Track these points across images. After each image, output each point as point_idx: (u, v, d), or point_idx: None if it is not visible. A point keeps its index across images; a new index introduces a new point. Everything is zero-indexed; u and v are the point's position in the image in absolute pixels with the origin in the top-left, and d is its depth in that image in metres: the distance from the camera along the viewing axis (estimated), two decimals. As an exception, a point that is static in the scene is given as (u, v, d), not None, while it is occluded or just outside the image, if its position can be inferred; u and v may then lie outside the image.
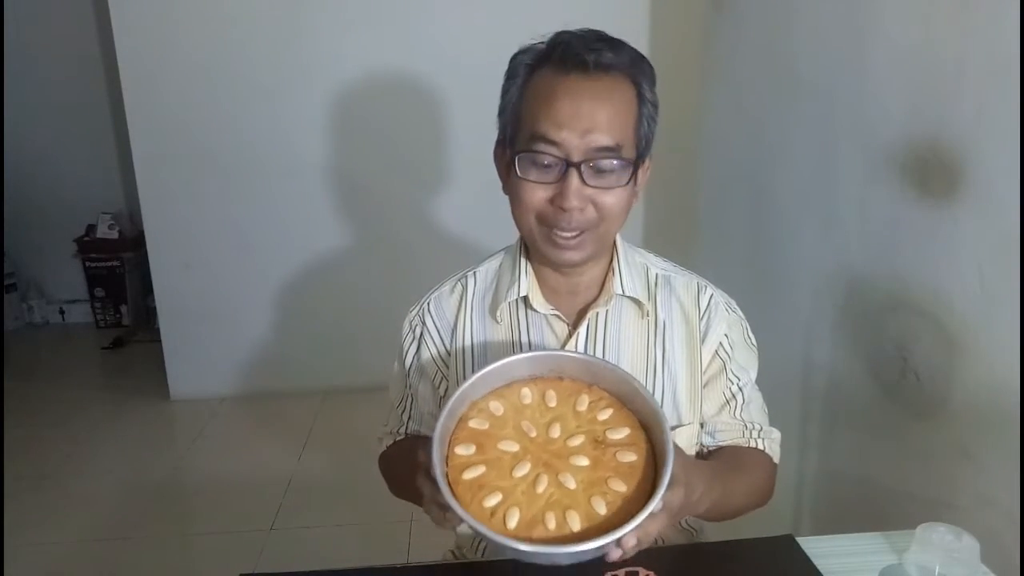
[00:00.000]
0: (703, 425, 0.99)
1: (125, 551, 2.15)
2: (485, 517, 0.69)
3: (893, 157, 1.31)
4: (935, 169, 1.20)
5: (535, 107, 0.84)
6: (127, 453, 2.73)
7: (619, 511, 0.69)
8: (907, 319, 1.28)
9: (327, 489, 2.43)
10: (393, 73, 2.81)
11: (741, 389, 0.99)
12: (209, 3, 2.71)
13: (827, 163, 1.55)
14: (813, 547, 0.88)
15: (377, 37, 2.77)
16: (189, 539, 2.21)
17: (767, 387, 1.03)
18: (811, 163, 1.64)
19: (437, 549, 1.15)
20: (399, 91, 2.84)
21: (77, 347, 3.81)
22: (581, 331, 0.94)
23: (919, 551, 0.80)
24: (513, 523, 0.68)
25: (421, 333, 1.01)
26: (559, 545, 0.66)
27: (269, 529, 2.21)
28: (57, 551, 2.13)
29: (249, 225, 2.95)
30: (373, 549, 2.10)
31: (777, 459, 1.01)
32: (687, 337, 0.97)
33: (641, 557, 0.84)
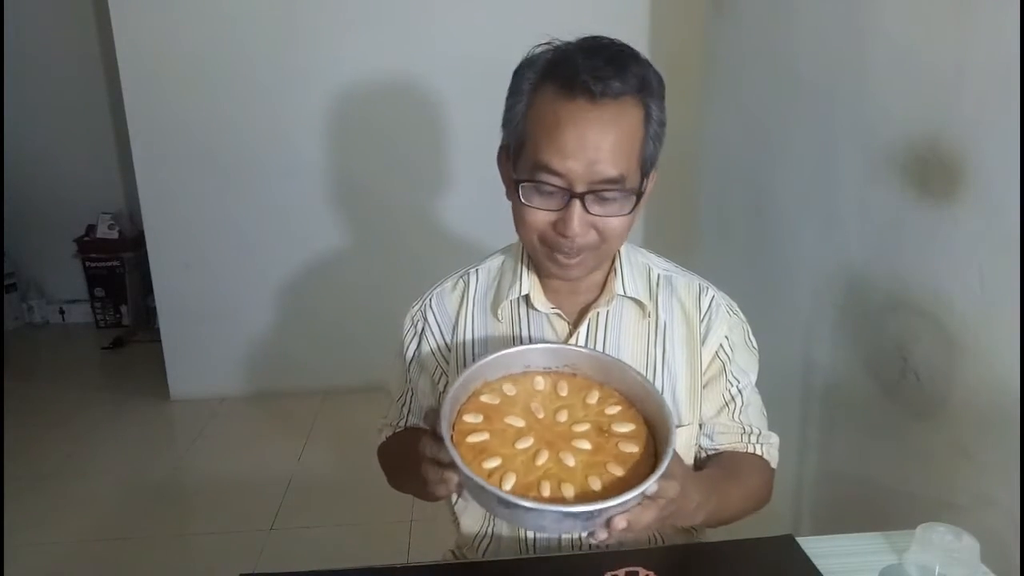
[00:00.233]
0: (702, 426, 0.99)
1: (125, 551, 2.15)
2: (482, 475, 0.70)
3: (893, 157, 1.31)
4: (935, 169, 1.20)
5: (539, 133, 0.81)
6: (127, 453, 2.73)
7: (613, 490, 0.69)
8: (907, 319, 1.28)
9: (327, 489, 2.43)
10: (393, 73, 2.81)
11: (740, 391, 0.98)
12: (209, 3, 2.71)
13: (827, 163, 1.55)
14: (813, 547, 0.88)
15: (377, 37, 2.77)
16: (189, 539, 2.21)
17: (767, 387, 1.03)
18: (811, 163, 1.64)
19: (437, 549, 1.15)
20: (399, 91, 2.84)
21: (77, 347, 3.81)
22: (581, 330, 0.94)
23: (919, 551, 0.80)
24: (508, 486, 0.70)
25: (422, 328, 1.01)
26: (548, 504, 0.67)
27: (269, 529, 2.21)
28: (57, 551, 2.13)
29: (249, 225, 2.95)
30: (373, 549, 2.10)
31: (775, 464, 1.01)
32: (687, 338, 0.97)
33: (641, 557, 0.85)
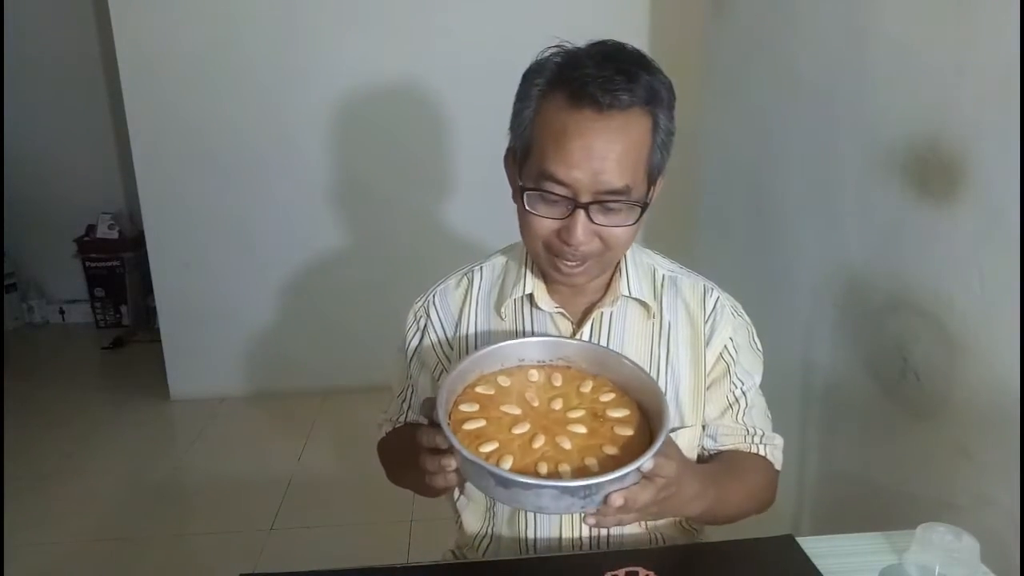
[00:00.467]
0: (705, 428, 0.99)
1: (125, 551, 2.15)
2: (479, 458, 0.70)
3: (893, 157, 1.31)
4: (935, 169, 1.20)
5: (545, 141, 0.81)
6: (127, 453, 2.73)
7: (610, 469, 0.70)
8: (907, 319, 1.28)
9: (327, 489, 2.43)
10: (394, 73, 2.81)
11: (744, 393, 0.98)
12: (209, 3, 2.71)
13: (827, 163, 1.55)
14: (813, 547, 0.88)
15: (377, 37, 2.77)
16: (189, 539, 2.21)
17: (766, 387, 1.03)
18: (811, 163, 1.64)
19: (437, 549, 1.15)
20: (399, 91, 2.84)
21: (77, 347, 3.81)
22: (585, 330, 0.94)
23: (919, 551, 0.80)
24: (506, 468, 0.70)
25: (425, 324, 1.01)
26: (547, 479, 0.68)
27: (269, 529, 2.21)
28: (57, 551, 2.13)
29: (249, 225, 2.95)
30: (373, 549, 2.10)
31: (779, 465, 1.01)
32: (692, 339, 0.97)
33: (641, 557, 0.85)
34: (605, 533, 0.97)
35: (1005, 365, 1.05)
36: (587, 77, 0.78)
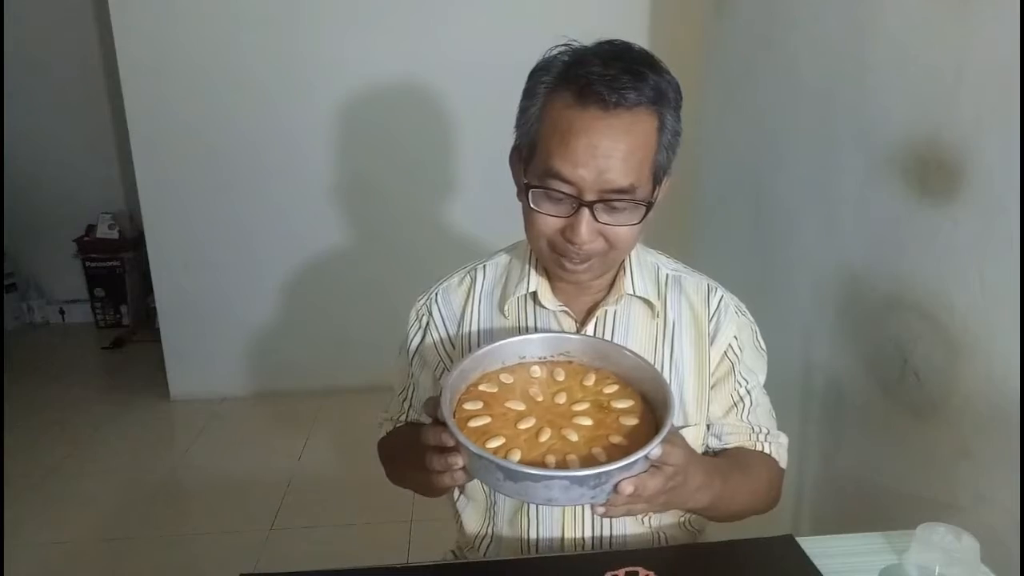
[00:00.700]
0: (710, 427, 0.98)
1: (125, 551, 2.15)
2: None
3: (893, 157, 1.31)
4: (935, 169, 1.20)
5: (551, 139, 0.81)
6: (127, 453, 2.73)
7: (617, 458, 0.70)
8: (907, 319, 1.28)
9: (327, 489, 2.43)
10: (394, 73, 2.81)
11: (749, 392, 0.98)
12: (209, 3, 2.71)
13: (827, 163, 1.55)
14: (813, 547, 0.88)
15: (377, 36, 2.77)
16: (189, 539, 2.20)
17: (767, 387, 1.03)
18: (811, 163, 1.64)
19: (437, 549, 1.15)
20: (399, 90, 2.84)
21: (77, 347, 3.81)
22: (589, 328, 0.94)
23: (919, 551, 0.80)
24: (514, 461, 0.70)
25: (427, 323, 1.01)
26: (558, 470, 0.68)
27: (269, 529, 2.21)
28: (57, 551, 2.13)
29: (249, 225, 2.95)
30: (373, 549, 2.10)
31: (784, 464, 1.01)
32: (696, 338, 0.97)
33: (641, 557, 0.85)
34: (607, 534, 0.97)
35: (1005, 365, 1.05)
36: (594, 75, 0.78)
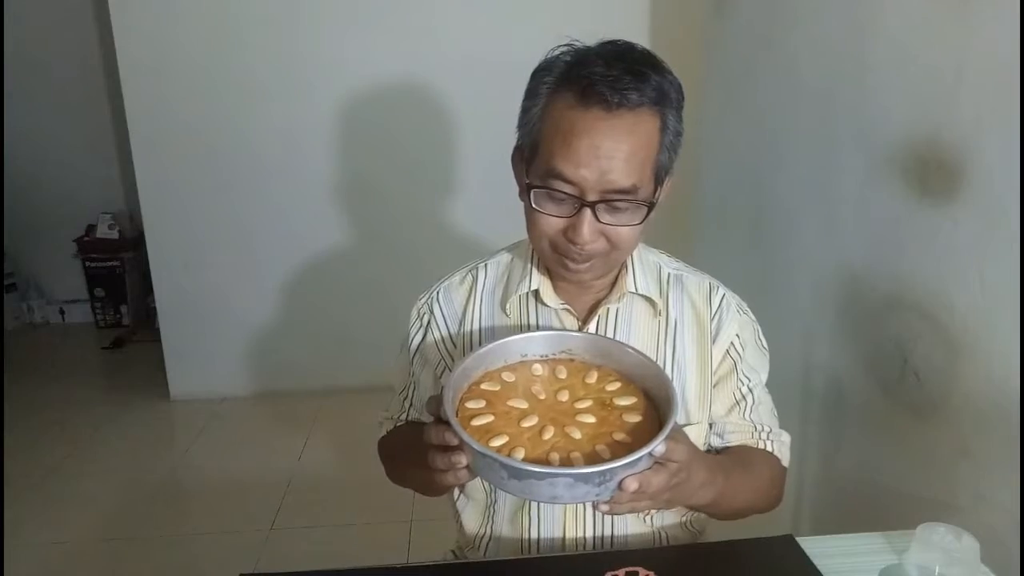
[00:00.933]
0: (712, 425, 0.98)
1: (125, 551, 2.15)
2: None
3: (893, 157, 1.31)
4: (935, 169, 1.20)
5: (553, 140, 0.81)
6: (127, 453, 2.73)
7: (622, 455, 0.69)
8: (907, 319, 1.28)
9: (327, 489, 2.43)
10: (393, 72, 2.81)
11: (751, 390, 0.98)
12: (209, 3, 2.71)
13: (827, 163, 1.55)
14: (813, 547, 0.88)
15: (377, 36, 2.77)
16: (189, 539, 2.20)
17: (768, 386, 1.03)
18: (811, 163, 1.64)
19: (437, 549, 1.15)
20: (399, 90, 2.84)
21: (77, 347, 3.81)
22: (591, 327, 0.94)
23: (919, 551, 0.80)
24: (518, 459, 0.70)
25: (428, 321, 1.01)
26: (562, 467, 0.68)
27: (269, 529, 2.21)
28: (57, 551, 2.13)
29: (249, 225, 2.95)
30: (373, 549, 2.10)
31: (786, 462, 1.01)
32: (698, 336, 0.97)
33: (641, 557, 0.85)
34: (608, 533, 0.97)
35: (1005, 365, 1.05)
36: (596, 76, 0.78)
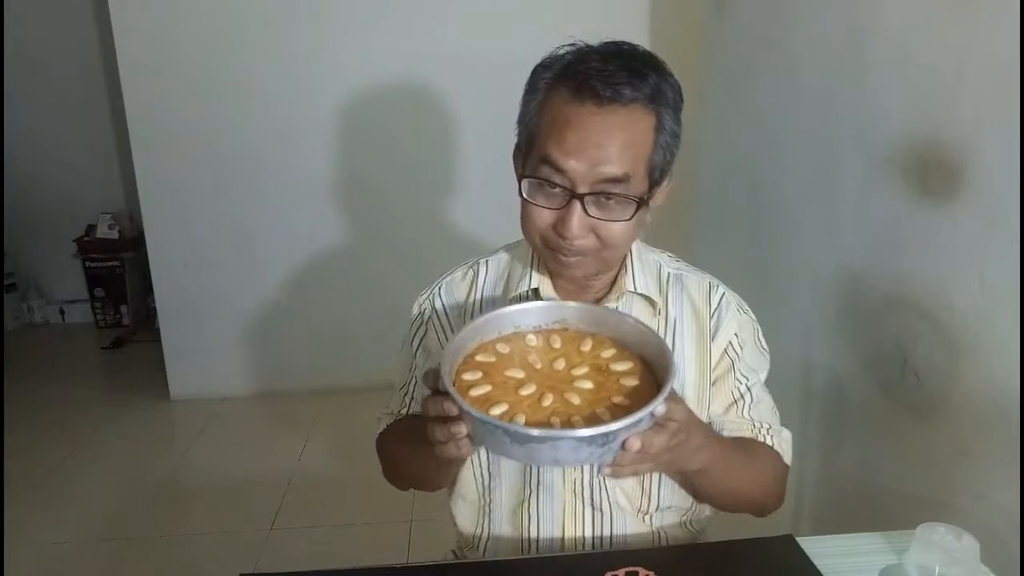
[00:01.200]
0: (711, 424, 0.98)
1: (125, 551, 2.15)
2: None
3: (893, 157, 1.31)
4: (935, 169, 1.20)
5: (547, 132, 0.83)
6: (127, 453, 2.73)
7: (622, 416, 0.70)
8: (907, 319, 1.28)
9: (327, 489, 2.43)
10: (393, 71, 2.81)
11: (750, 389, 0.98)
12: (209, 3, 2.71)
13: (827, 163, 1.55)
14: (813, 547, 0.88)
15: (377, 36, 2.77)
16: (189, 539, 2.20)
17: (768, 386, 1.03)
18: (811, 163, 1.64)
19: (437, 549, 1.15)
20: (399, 89, 2.84)
21: (77, 347, 3.81)
22: None
23: (919, 551, 0.80)
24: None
25: (430, 317, 1.02)
26: (565, 429, 0.68)
27: (269, 529, 2.21)
28: (57, 551, 2.13)
29: (249, 225, 2.95)
30: (373, 549, 2.10)
31: (788, 459, 1.00)
32: (697, 335, 0.97)
33: (641, 557, 0.85)
34: (608, 533, 0.97)
35: (1005, 365, 1.05)
36: (592, 71, 0.80)
